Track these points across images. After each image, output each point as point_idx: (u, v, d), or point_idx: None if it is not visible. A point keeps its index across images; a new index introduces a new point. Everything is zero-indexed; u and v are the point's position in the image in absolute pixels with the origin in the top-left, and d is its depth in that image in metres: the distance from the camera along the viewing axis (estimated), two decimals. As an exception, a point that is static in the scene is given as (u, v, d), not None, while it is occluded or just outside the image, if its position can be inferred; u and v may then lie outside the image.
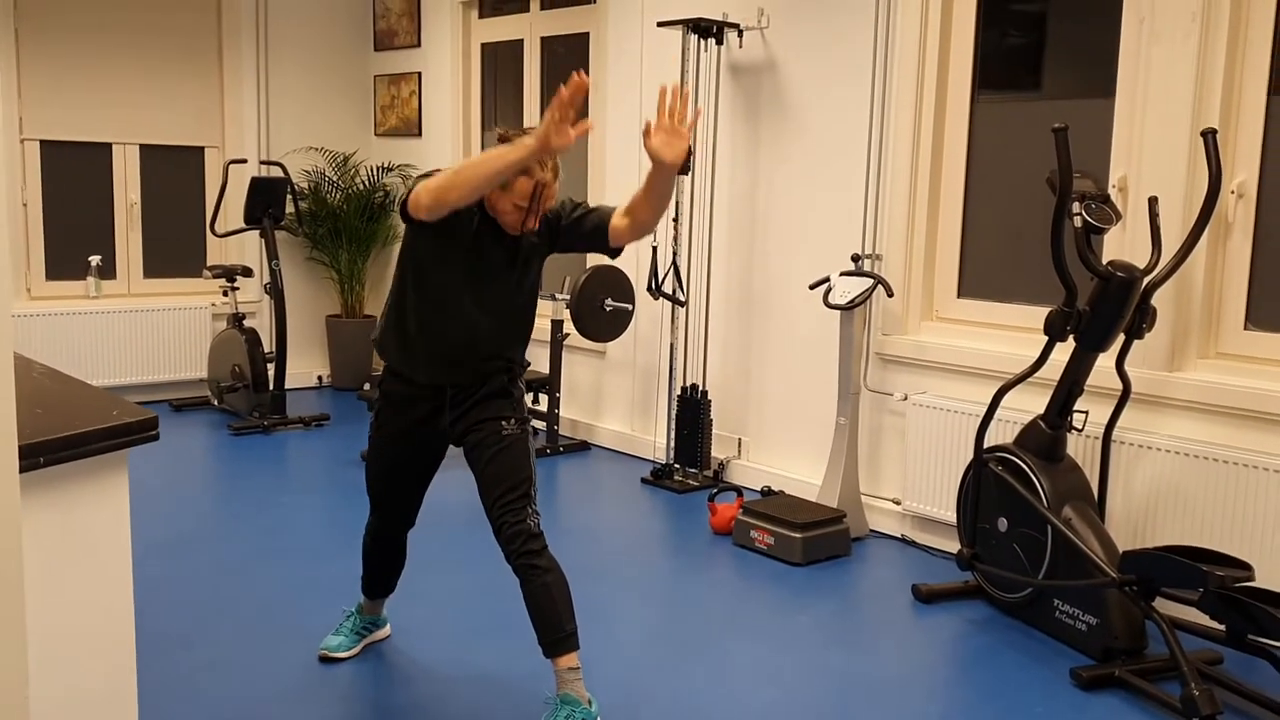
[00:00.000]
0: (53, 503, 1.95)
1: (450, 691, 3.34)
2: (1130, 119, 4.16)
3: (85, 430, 1.97)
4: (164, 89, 7.20)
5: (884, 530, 4.97)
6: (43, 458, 1.89)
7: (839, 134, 5.08)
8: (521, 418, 3.16)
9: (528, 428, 3.18)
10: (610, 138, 6.21)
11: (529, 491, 3.07)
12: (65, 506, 1.98)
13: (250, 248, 7.46)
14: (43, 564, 1.95)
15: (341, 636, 3.58)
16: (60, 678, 2.01)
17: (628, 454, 6.21)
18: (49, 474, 1.93)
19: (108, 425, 2.01)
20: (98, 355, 6.93)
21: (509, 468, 3.07)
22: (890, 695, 3.40)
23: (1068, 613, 3.76)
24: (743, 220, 5.54)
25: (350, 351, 7.82)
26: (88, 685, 2.06)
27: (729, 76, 5.55)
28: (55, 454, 1.92)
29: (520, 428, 3.14)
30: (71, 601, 2.01)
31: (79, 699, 2.05)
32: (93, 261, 7.02)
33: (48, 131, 6.86)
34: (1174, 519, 3.97)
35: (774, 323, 5.44)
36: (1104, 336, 3.77)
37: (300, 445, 6.26)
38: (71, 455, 1.95)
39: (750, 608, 4.07)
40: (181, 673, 3.41)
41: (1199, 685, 3.19)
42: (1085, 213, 3.68)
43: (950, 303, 4.81)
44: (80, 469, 1.99)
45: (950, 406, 4.59)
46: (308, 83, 7.71)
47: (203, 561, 4.37)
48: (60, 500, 1.97)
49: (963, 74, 4.71)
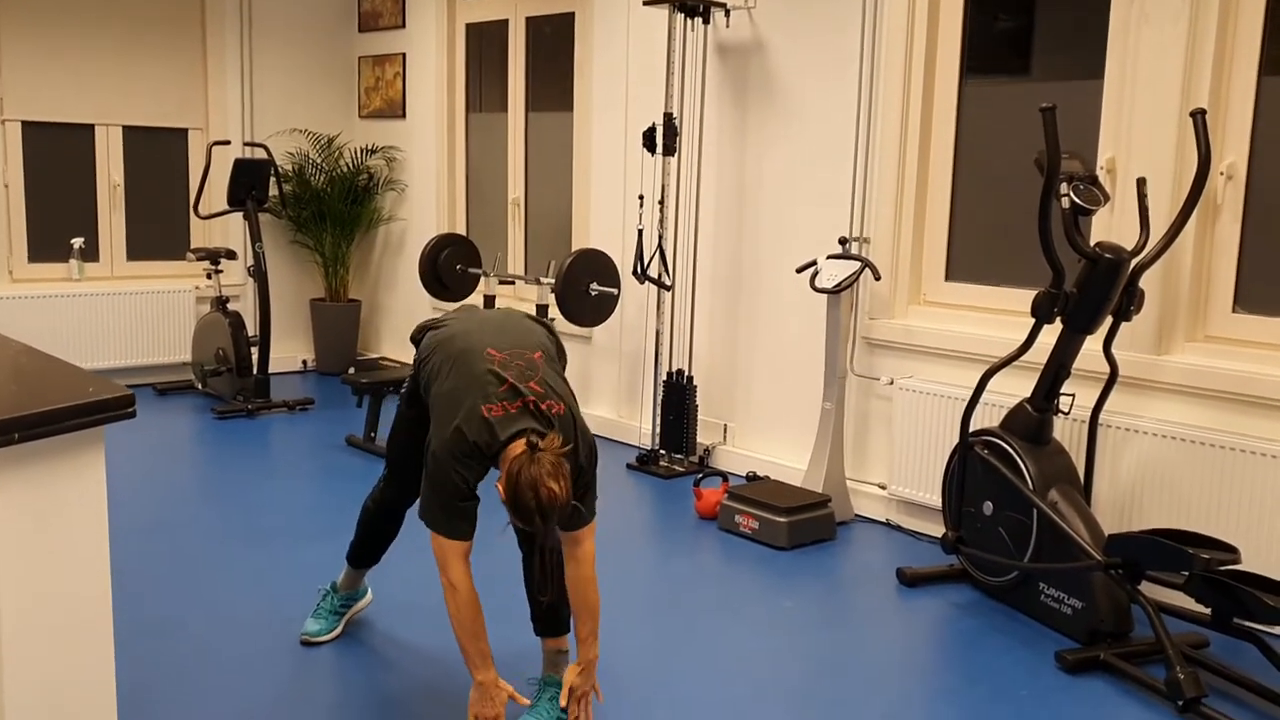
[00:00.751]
0: (28, 479, 1.92)
1: (437, 672, 3.32)
2: (1119, 100, 4.14)
3: (61, 406, 1.94)
4: (147, 70, 7.13)
5: (869, 515, 4.96)
6: (17, 433, 1.86)
7: (827, 116, 5.06)
8: None
9: None
10: (596, 121, 6.17)
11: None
12: (40, 483, 1.94)
13: (234, 230, 7.41)
14: (17, 542, 1.92)
15: (321, 620, 3.55)
16: (36, 660, 1.98)
17: (613, 440, 6.19)
18: (24, 450, 1.90)
19: (84, 401, 1.98)
20: (81, 338, 6.87)
21: None
22: (874, 678, 3.39)
23: (1053, 596, 3.75)
24: (729, 203, 5.52)
25: (334, 335, 7.78)
26: (64, 668, 2.03)
27: (716, 57, 5.52)
28: (30, 430, 1.89)
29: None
30: (47, 580, 1.98)
31: (55, 683, 2.02)
32: (75, 244, 6.96)
33: (29, 112, 6.79)
34: (1160, 502, 3.96)
35: (760, 307, 5.42)
36: (1091, 319, 3.76)
37: (284, 429, 6.22)
38: (47, 431, 1.92)
39: (735, 591, 4.06)
40: (162, 657, 3.38)
41: (1184, 668, 3.19)
42: (1073, 194, 3.67)
43: (938, 286, 4.80)
44: (56, 445, 1.96)
45: (937, 390, 4.58)
46: (292, 64, 7.65)
47: (186, 545, 4.34)
48: (35, 477, 1.94)
49: (951, 56, 4.68)
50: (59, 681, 2.03)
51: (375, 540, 3.49)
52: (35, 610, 1.97)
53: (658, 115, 5.73)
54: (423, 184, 7.49)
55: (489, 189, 7.14)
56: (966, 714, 3.17)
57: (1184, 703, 3.15)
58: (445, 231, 7.27)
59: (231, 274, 7.40)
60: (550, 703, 2.98)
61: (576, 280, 5.67)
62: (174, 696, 3.13)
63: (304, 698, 3.15)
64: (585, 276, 5.70)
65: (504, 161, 6.97)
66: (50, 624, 2.00)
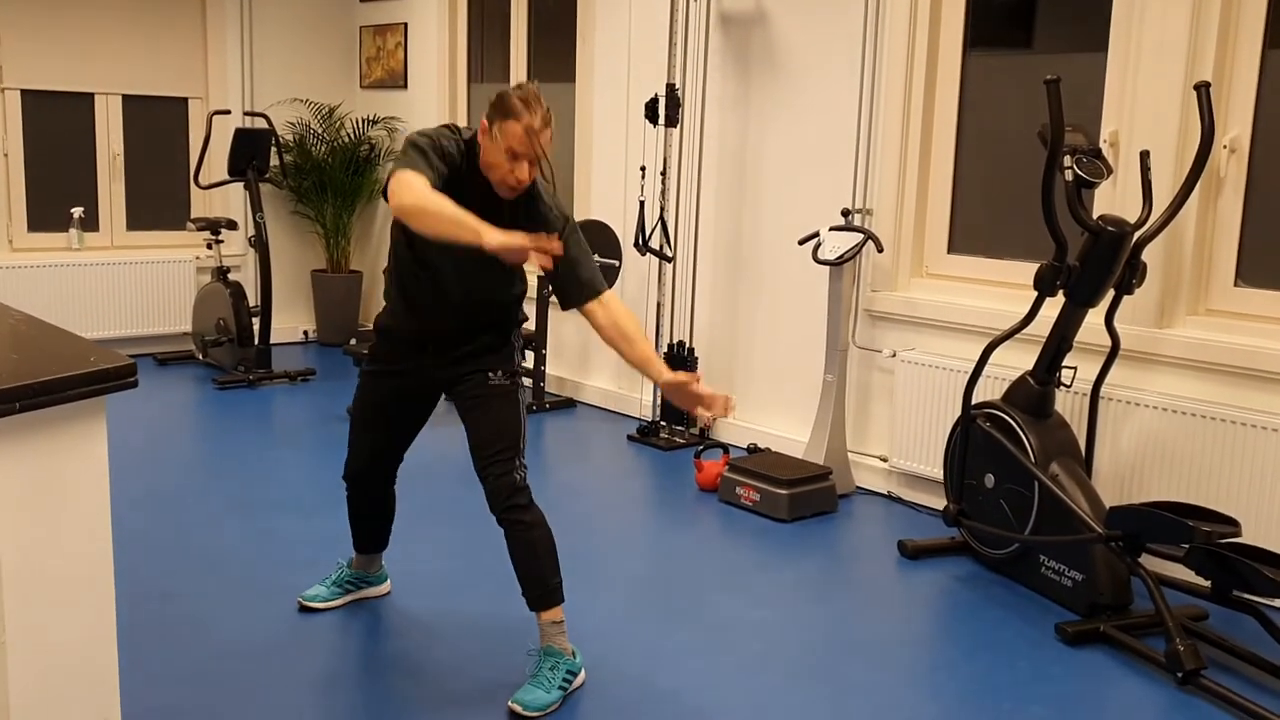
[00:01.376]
0: (29, 449, 1.92)
1: (435, 643, 3.34)
2: (1123, 73, 4.12)
3: (62, 375, 1.94)
4: (147, 38, 7.09)
5: (870, 487, 4.97)
6: (18, 403, 1.86)
7: (830, 87, 5.03)
8: (510, 370, 3.13)
9: (518, 381, 3.15)
10: (598, 92, 6.14)
11: (516, 444, 3.04)
12: (42, 453, 1.94)
13: (234, 200, 7.38)
14: (19, 511, 1.92)
15: (323, 588, 3.57)
16: (39, 628, 1.98)
17: (614, 411, 6.19)
18: (25, 419, 1.90)
19: (85, 371, 1.98)
20: (80, 308, 6.86)
21: (496, 420, 3.05)
22: (875, 650, 3.40)
23: (1053, 569, 3.76)
24: (731, 175, 5.50)
25: (336, 306, 7.77)
26: (67, 636, 2.04)
27: (719, 27, 5.49)
28: (31, 399, 1.88)
29: (510, 380, 3.12)
30: (50, 549, 1.98)
31: (58, 649, 2.03)
32: (75, 213, 6.94)
33: (28, 81, 6.76)
34: (1161, 475, 3.97)
35: (762, 279, 5.41)
36: (1094, 292, 3.75)
37: (286, 400, 6.23)
38: (48, 401, 1.91)
39: (735, 563, 4.07)
40: (163, 625, 3.39)
41: (1183, 640, 3.20)
42: (1076, 167, 3.65)
43: (940, 258, 4.79)
44: (57, 415, 1.95)
45: (939, 363, 4.58)
46: (292, 33, 7.61)
47: (187, 515, 4.35)
48: (37, 446, 1.93)
49: (954, 28, 4.65)
50: (62, 648, 2.04)
51: (360, 522, 3.49)
52: (38, 579, 1.97)
53: (660, 86, 5.70)
54: (424, 155, 7.44)
55: (490, 160, 7.10)
56: (966, 685, 3.18)
57: (1183, 675, 3.16)
58: (446, 202, 7.23)
59: (232, 244, 7.38)
60: (551, 672, 2.99)
61: (578, 252, 5.65)
62: (173, 661, 3.14)
63: (302, 664, 3.16)
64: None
65: (505, 132, 6.93)
66: (53, 592, 2.01)
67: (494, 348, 3.14)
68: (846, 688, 3.16)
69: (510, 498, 3.00)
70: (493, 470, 3.01)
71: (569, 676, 3.02)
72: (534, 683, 2.97)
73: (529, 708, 2.91)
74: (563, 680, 2.99)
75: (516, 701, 2.93)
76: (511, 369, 3.14)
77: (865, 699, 3.10)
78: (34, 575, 1.96)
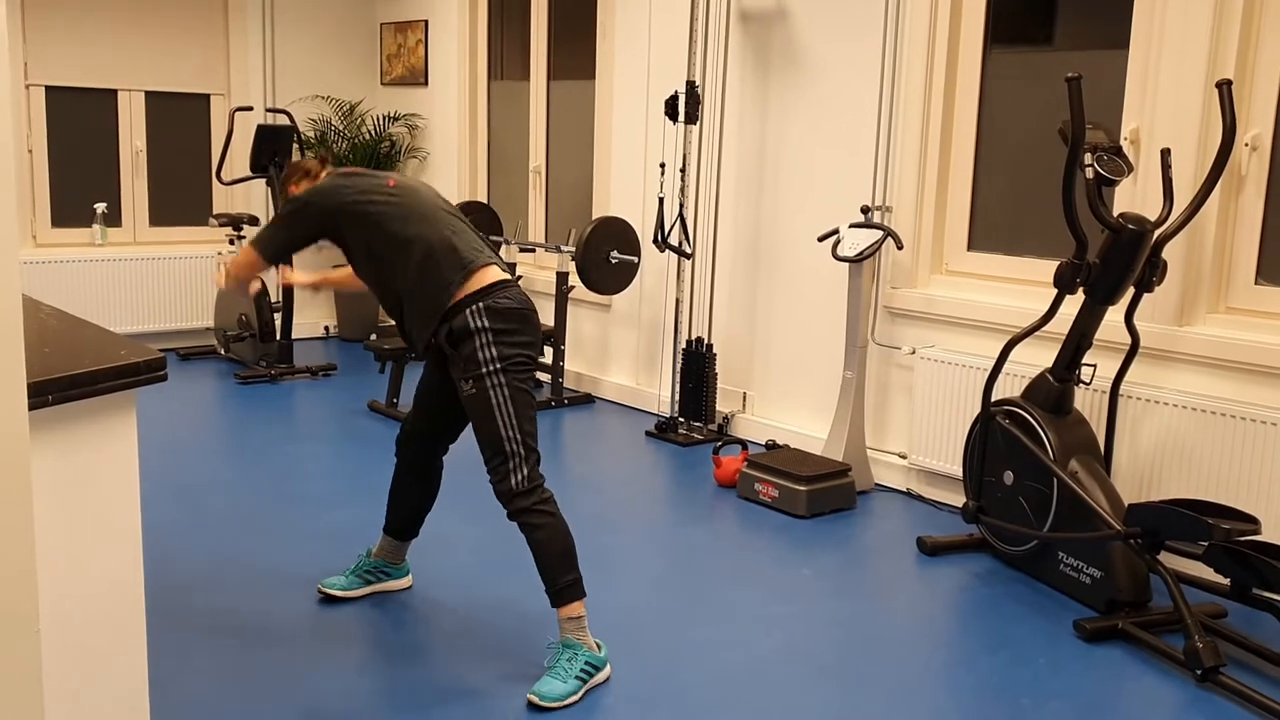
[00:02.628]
0: (61, 441, 1.95)
1: (457, 634, 3.36)
2: (1144, 70, 4.11)
3: (94, 369, 1.97)
4: (170, 35, 7.14)
5: (889, 484, 4.97)
6: (51, 396, 1.89)
7: (850, 84, 5.04)
8: (476, 375, 3.04)
9: (488, 381, 3.04)
10: (618, 89, 6.16)
11: (502, 449, 3.03)
12: (73, 445, 1.97)
13: (256, 196, 7.43)
14: (51, 502, 1.95)
15: (343, 577, 3.60)
16: (69, 616, 2.01)
17: (632, 407, 6.21)
18: (57, 412, 1.93)
19: (116, 364, 2.01)
20: (103, 303, 6.92)
21: (478, 430, 3.08)
22: (893, 646, 3.42)
23: (1072, 566, 3.77)
24: (751, 171, 5.51)
25: (357, 303, 7.81)
26: (97, 624, 2.07)
27: (739, 24, 5.50)
28: (63, 392, 1.91)
29: (475, 385, 3.05)
30: (81, 539, 2.01)
31: (87, 638, 2.06)
32: (98, 209, 7.00)
33: (53, 77, 6.82)
34: (1180, 473, 3.97)
35: (781, 276, 5.42)
36: (1114, 289, 3.75)
37: (307, 395, 6.27)
38: (80, 394, 1.94)
39: (754, 559, 4.08)
40: (188, 616, 3.43)
41: (1202, 638, 3.20)
42: (1097, 164, 3.65)
43: (960, 256, 4.79)
44: (88, 408, 1.98)
45: (958, 360, 4.58)
46: (314, 30, 7.65)
47: (210, 508, 4.39)
48: (68, 439, 1.96)
49: (975, 25, 4.65)
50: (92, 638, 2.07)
51: (396, 493, 3.53)
52: (70, 569, 2.00)
53: (680, 83, 5.72)
54: (444, 152, 7.49)
55: (510, 157, 7.14)
56: (984, 681, 3.19)
57: (1202, 672, 3.17)
58: (466, 199, 7.28)
59: (253, 240, 7.42)
60: (569, 663, 3.02)
61: (597, 248, 5.68)
62: (198, 651, 3.18)
63: (325, 655, 3.19)
64: (606, 244, 5.72)
65: (525, 129, 6.96)
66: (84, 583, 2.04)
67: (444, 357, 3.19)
68: (864, 683, 3.17)
69: (511, 502, 3.05)
70: (491, 479, 3.08)
71: (589, 669, 3.04)
72: (552, 674, 3.00)
73: (545, 698, 2.94)
74: (580, 671, 3.01)
75: (534, 692, 2.95)
76: (475, 372, 3.05)
77: (883, 694, 3.11)
78: (66, 566, 1.99)
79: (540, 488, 3.06)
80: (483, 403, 3.04)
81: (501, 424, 3.04)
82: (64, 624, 2.00)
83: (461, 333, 3.06)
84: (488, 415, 3.05)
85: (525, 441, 3.05)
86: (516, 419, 3.05)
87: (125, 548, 2.10)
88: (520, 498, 3.03)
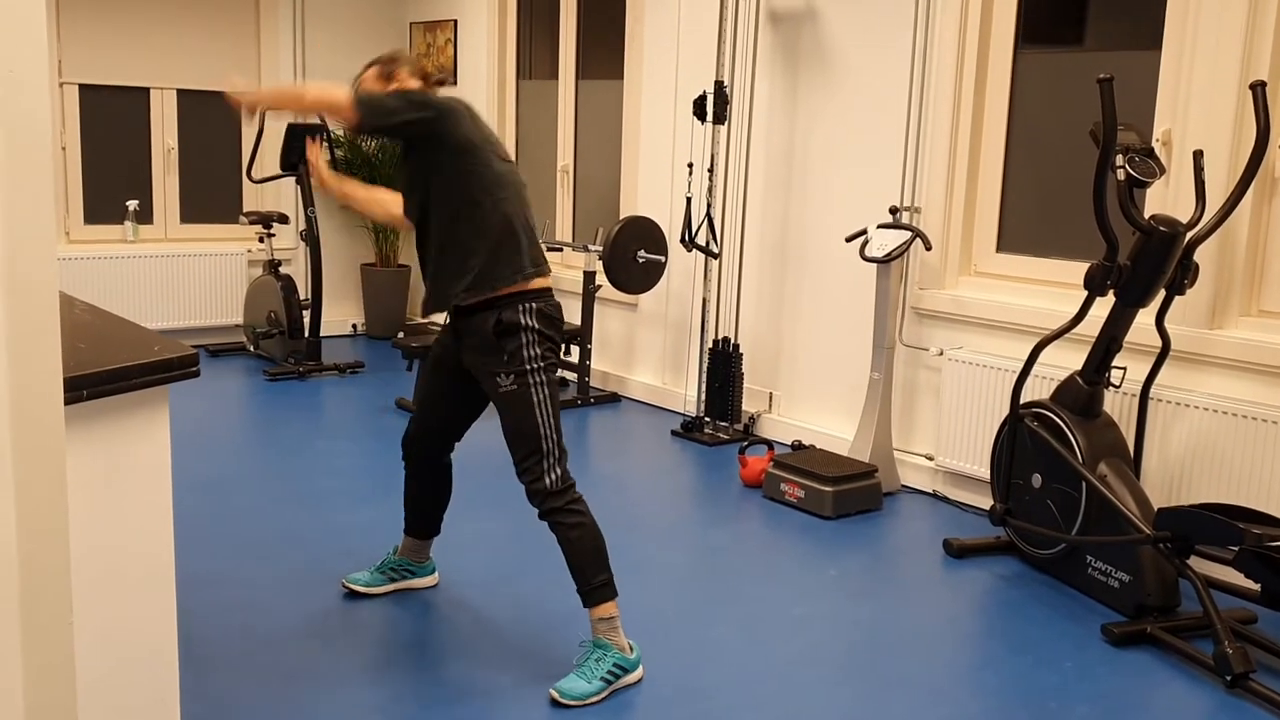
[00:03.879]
0: (95, 436, 1.97)
1: (481, 632, 3.37)
2: (1177, 71, 4.08)
3: (128, 365, 1.99)
4: (201, 34, 7.20)
5: (916, 485, 4.96)
6: (85, 390, 1.91)
7: (879, 84, 5.02)
8: (519, 370, 3.05)
9: (531, 379, 3.06)
10: (646, 89, 6.17)
11: (539, 448, 3.04)
12: (107, 439, 2.00)
13: (286, 195, 7.48)
14: (87, 495, 1.97)
15: (368, 573, 3.62)
16: (104, 609, 2.04)
17: (658, 406, 6.21)
18: (91, 407, 1.95)
19: (150, 360, 2.03)
20: (134, 299, 6.98)
21: (514, 427, 3.07)
22: (919, 648, 3.41)
23: (1100, 569, 3.75)
24: (779, 171, 5.50)
25: (385, 300, 7.85)
26: (130, 617, 2.09)
27: (768, 25, 5.49)
28: (98, 387, 1.93)
29: (517, 382, 3.05)
30: (114, 533, 2.03)
31: (121, 631, 2.08)
32: (130, 206, 7.06)
33: (86, 75, 6.88)
34: (1211, 477, 3.94)
35: (808, 276, 5.41)
36: (1145, 292, 3.73)
37: (335, 391, 6.30)
38: (114, 389, 1.96)
39: (780, 559, 4.08)
40: (217, 610, 3.46)
41: (1232, 643, 3.18)
42: (1129, 166, 3.63)
43: (989, 257, 4.77)
44: (122, 403, 2.00)
45: (986, 362, 4.56)
46: (344, 29, 7.69)
47: (238, 503, 4.42)
48: (103, 433, 1.99)
49: (1006, 26, 4.63)
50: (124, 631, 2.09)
51: (411, 496, 3.55)
52: (103, 563, 2.03)
53: (708, 83, 5.72)
54: (472, 150, 7.50)
55: (538, 156, 7.15)
56: (1011, 684, 3.18)
57: (1232, 678, 3.14)
58: (494, 198, 7.28)
59: (284, 238, 7.48)
60: (596, 663, 3.02)
61: (624, 248, 5.69)
62: (226, 645, 3.20)
63: (352, 651, 3.21)
64: (633, 244, 5.72)
65: (553, 129, 6.98)
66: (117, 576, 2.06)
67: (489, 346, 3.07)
68: (890, 685, 3.16)
69: (545, 502, 3.05)
70: (524, 479, 3.07)
71: (616, 670, 3.04)
72: (578, 672, 3.01)
73: (566, 695, 2.95)
74: (607, 672, 3.02)
75: (556, 688, 2.96)
76: (519, 368, 3.05)
77: (909, 697, 3.10)
78: (99, 559, 2.02)
79: (572, 488, 3.08)
80: (524, 399, 3.06)
81: (541, 421, 3.05)
82: (97, 617, 2.02)
83: (511, 326, 3.06)
84: (528, 411, 3.05)
85: (559, 441, 3.08)
86: (553, 417, 3.08)
87: (158, 541, 2.12)
88: (554, 497, 3.04)
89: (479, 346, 3.12)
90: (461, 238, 3.08)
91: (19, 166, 1.46)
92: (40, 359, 1.52)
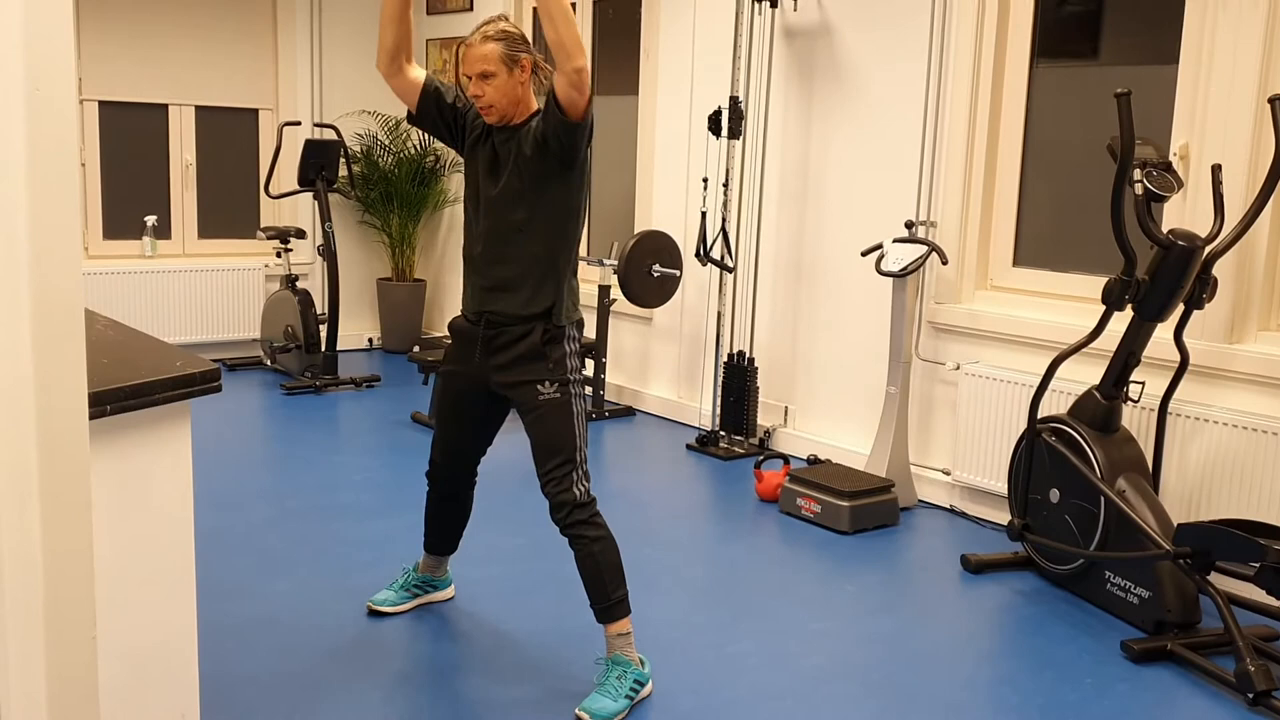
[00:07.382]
0: (118, 450, 1.99)
1: (502, 648, 3.37)
2: (1194, 86, 4.08)
3: (150, 380, 2.00)
4: (219, 51, 7.24)
5: (933, 500, 4.95)
6: (109, 406, 1.92)
7: (894, 99, 5.03)
8: (562, 379, 3.10)
9: (571, 389, 3.11)
10: (661, 104, 6.18)
11: (573, 458, 3.06)
12: (130, 454, 2.01)
13: (303, 210, 7.51)
14: (109, 509, 1.98)
15: (391, 592, 3.62)
16: (125, 623, 2.04)
17: (673, 420, 6.21)
18: (114, 422, 1.96)
19: (172, 375, 2.04)
20: (152, 314, 7.01)
21: (550, 435, 3.07)
22: (937, 664, 3.39)
23: (1119, 585, 3.73)
24: (794, 186, 5.51)
25: (401, 314, 7.87)
26: (151, 631, 2.10)
27: (783, 40, 5.51)
28: (121, 402, 1.95)
29: (560, 390, 3.09)
30: (136, 546, 2.04)
31: (142, 645, 2.09)
32: (148, 221, 7.10)
33: (105, 92, 6.93)
34: (1230, 493, 3.92)
35: (824, 290, 5.41)
36: (1163, 306, 3.72)
37: (352, 405, 6.32)
38: (137, 404, 1.98)
39: (796, 575, 4.07)
40: (236, 624, 3.46)
41: (1254, 660, 3.16)
42: (1146, 180, 3.63)
43: (1005, 271, 4.76)
44: (145, 418, 2.02)
45: (1003, 376, 4.55)
46: (361, 46, 7.73)
47: (255, 516, 4.43)
48: (125, 448, 2.00)
49: (1021, 40, 4.64)
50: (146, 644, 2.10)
51: (433, 520, 3.55)
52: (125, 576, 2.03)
53: (723, 98, 5.73)
54: (488, 165, 7.52)
55: (553, 171, 7.16)
56: (1030, 700, 3.16)
57: (1254, 695, 3.12)
58: (510, 212, 7.31)
59: (301, 253, 7.51)
60: (619, 681, 3.01)
61: (639, 262, 5.70)
62: (247, 659, 3.21)
63: (371, 666, 3.21)
64: (648, 258, 5.73)
65: (569, 143, 6.98)
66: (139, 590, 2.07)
67: (536, 354, 3.10)
68: (907, 701, 3.15)
69: (570, 514, 3.04)
70: (551, 488, 3.06)
71: (636, 686, 3.04)
72: (601, 691, 3.00)
73: (596, 716, 2.93)
74: (630, 690, 3.01)
75: (584, 709, 2.95)
76: (562, 377, 3.11)
77: (926, 714, 3.09)
78: (121, 573, 2.02)
79: (594, 502, 3.08)
80: (564, 407, 3.08)
81: (576, 431, 3.09)
82: (119, 630, 2.03)
83: (557, 336, 3.13)
84: (565, 419, 3.07)
85: (586, 455, 3.11)
86: (585, 430, 3.14)
87: (179, 553, 2.13)
88: (580, 509, 3.04)
89: (524, 354, 3.12)
90: (554, 253, 3.14)
91: (46, 183, 1.47)
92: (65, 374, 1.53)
